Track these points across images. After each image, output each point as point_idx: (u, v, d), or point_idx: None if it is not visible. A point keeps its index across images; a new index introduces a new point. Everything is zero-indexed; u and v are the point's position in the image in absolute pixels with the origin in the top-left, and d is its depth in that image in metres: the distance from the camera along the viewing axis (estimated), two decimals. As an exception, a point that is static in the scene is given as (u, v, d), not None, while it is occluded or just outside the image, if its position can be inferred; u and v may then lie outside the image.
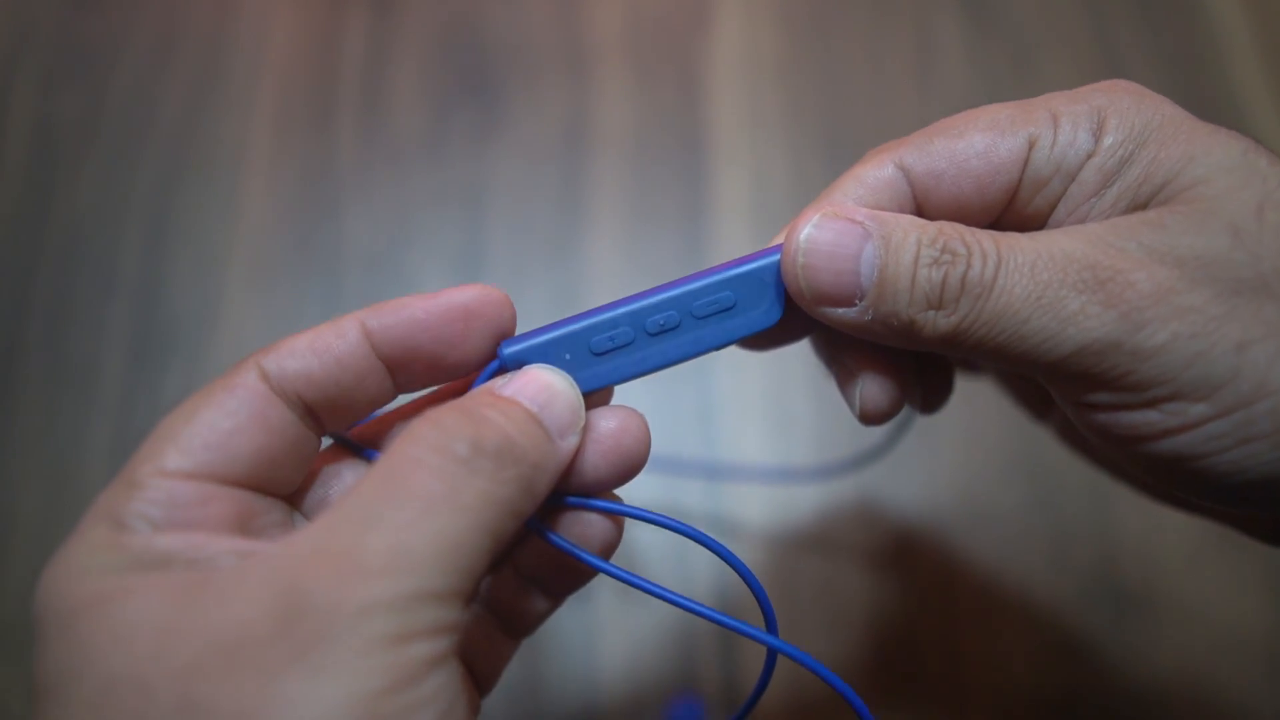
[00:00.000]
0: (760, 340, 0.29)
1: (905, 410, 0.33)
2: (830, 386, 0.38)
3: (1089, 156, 0.24)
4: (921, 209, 0.25)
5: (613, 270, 0.51)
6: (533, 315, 0.51)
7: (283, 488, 0.24)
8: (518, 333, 0.25)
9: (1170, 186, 0.23)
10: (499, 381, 0.24)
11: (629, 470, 0.25)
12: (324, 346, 0.23)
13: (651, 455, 0.26)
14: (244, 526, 0.22)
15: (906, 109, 0.54)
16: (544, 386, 0.23)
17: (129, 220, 0.52)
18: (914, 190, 0.25)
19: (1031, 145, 0.24)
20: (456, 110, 0.54)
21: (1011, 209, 0.25)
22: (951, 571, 0.45)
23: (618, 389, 0.28)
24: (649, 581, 0.24)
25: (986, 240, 0.23)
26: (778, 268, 0.25)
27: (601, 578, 0.26)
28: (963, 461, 0.47)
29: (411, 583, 0.19)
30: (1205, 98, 0.55)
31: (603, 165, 0.53)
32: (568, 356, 0.25)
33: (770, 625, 0.25)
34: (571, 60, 0.56)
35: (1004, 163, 0.24)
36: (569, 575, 0.27)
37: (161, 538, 0.21)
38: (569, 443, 0.23)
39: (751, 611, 0.40)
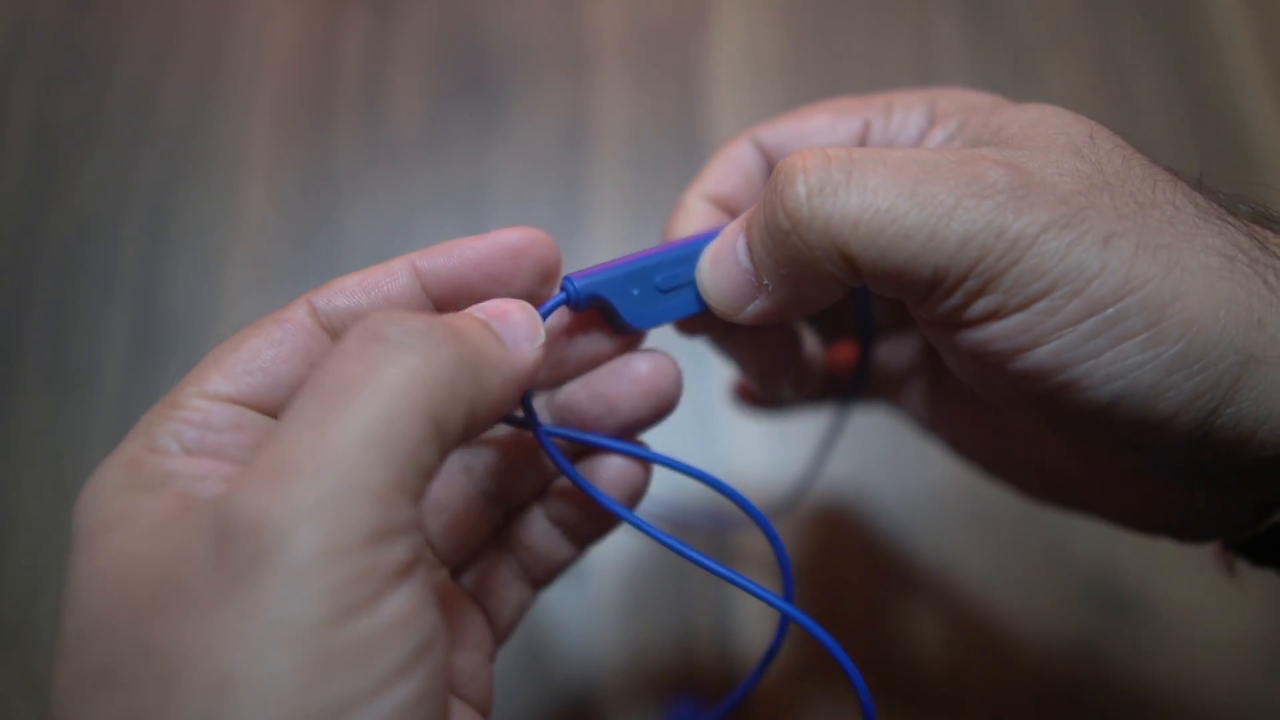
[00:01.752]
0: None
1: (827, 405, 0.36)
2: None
3: (925, 132, 0.26)
4: None
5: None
6: (533, 315, 0.51)
7: None
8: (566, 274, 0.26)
9: (1006, 130, 0.24)
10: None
11: (664, 409, 0.27)
12: (374, 284, 0.24)
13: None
14: None
15: (906, 109, 0.54)
16: (496, 306, 0.23)
17: (129, 220, 0.52)
18: (767, 161, 0.29)
19: (867, 126, 0.27)
20: (456, 110, 0.54)
21: None
22: (951, 571, 0.45)
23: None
24: (675, 541, 0.25)
25: (839, 150, 0.23)
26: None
27: (620, 533, 0.27)
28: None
29: (338, 481, 0.16)
30: (1205, 98, 0.55)
31: (603, 165, 0.53)
32: (635, 292, 0.25)
33: (788, 592, 0.26)
34: (571, 60, 0.56)
35: (841, 139, 0.27)
36: (594, 520, 0.28)
37: (180, 460, 0.20)
38: (525, 352, 0.22)
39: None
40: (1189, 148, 0.54)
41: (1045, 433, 0.29)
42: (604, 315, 0.26)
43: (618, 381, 0.26)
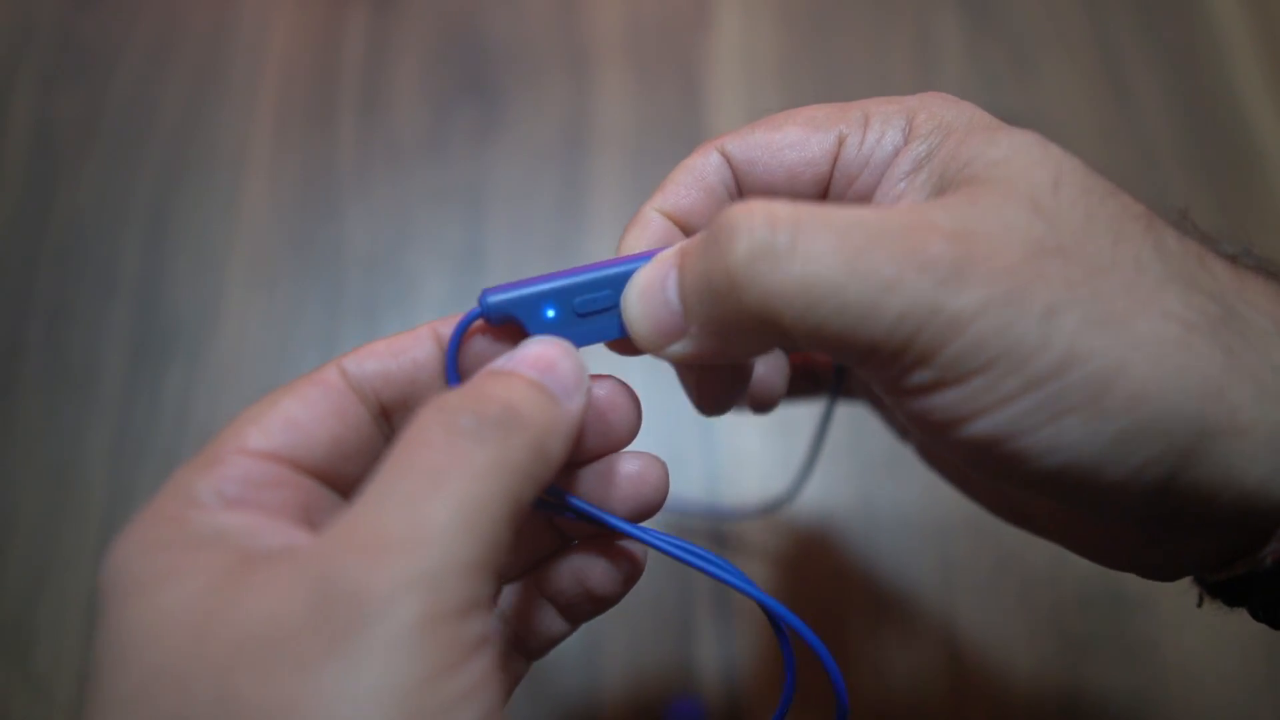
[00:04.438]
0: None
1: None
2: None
3: (900, 150, 0.25)
4: (741, 192, 0.28)
5: (613, 270, 0.51)
6: (533, 315, 0.51)
7: (350, 484, 0.24)
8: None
9: (971, 167, 0.23)
10: (500, 360, 0.24)
11: (644, 514, 0.26)
12: (401, 349, 0.25)
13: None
14: (308, 518, 0.22)
15: (906, 109, 0.54)
16: (540, 356, 0.23)
17: (129, 220, 0.52)
18: (734, 174, 0.27)
19: (841, 142, 0.26)
20: (456, 110, 0.54)
21: (827, 202, 0.27)
22: (951, 571, 0.45)
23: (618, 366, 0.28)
24: (688, 547, 0.25)
25: (783, 207, 0.22)
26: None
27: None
28: (963, 461, 0.47)
29: (435, 555, 0.18)
30: (1205, 97, 0.55)
31: (603, 165, 0.53)
32: (550, 313, 0.25)
33: (824, 657, 0.25)
34: (571, 60, 0.56)
35: (814, 156, 0.26)
36: (590, 601, 0.28)
37: (227, 514, 0.21)
38: (576, 402, 0.23)
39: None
40: (1188, 147, 0.54)
41: (998, 487, 0.29)
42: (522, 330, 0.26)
43: (599, 484, 0.26)
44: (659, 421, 0.47)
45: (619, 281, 0.25)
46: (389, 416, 0.25)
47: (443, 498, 0.19)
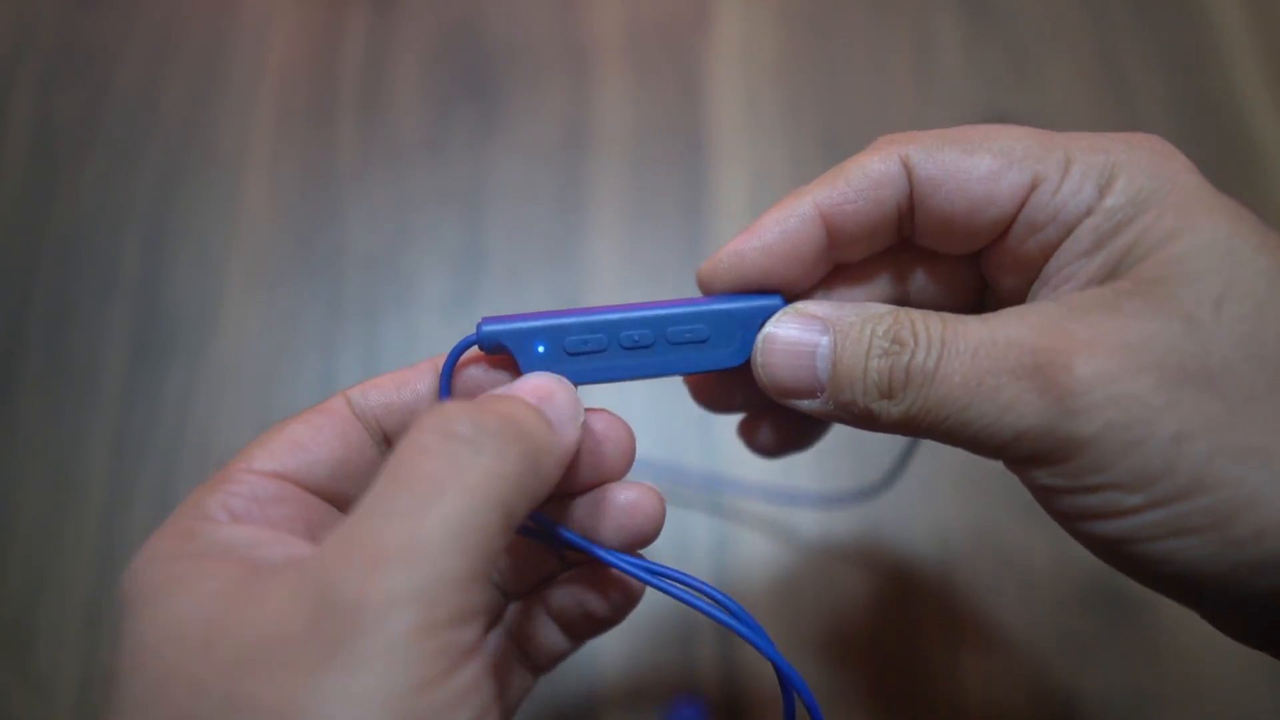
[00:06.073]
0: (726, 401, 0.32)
1: (910, 442, 0.35)
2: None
3: (1088, 213, 0.23)
4: (915, 209, 0.26)
5: (613, 270, 0.51)
6: (533, 315, 0.51)
7: (353, 502, 0.25)
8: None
9: (1145, 261, 0.22)
10: (499, 389, 0.25)
11: (638, 544, 0.27)
12: (404, 381, 0.26)
13: (651, 461, 0.27)
14: (311, 532, 0.24)
15: (906, 109, 0.54)
16: (538, 386, 0.24)
17: (129, 220, 0.52)
18: (912, 190, 0.25)
19: (1035, 186, 0.24)
20: (456, 110, 0.54)
21: (1004, 245, 0.25)
22: (951, 570, 0.45)
23: (616, 390, 0.28)
24: (674, 577, 0.25)
25: (935, 325, 0.23)
26: (753, 314, 0.26)
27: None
28: (965, 461, 0.47)
29: (428, 568, 0.19)
30: (1205, 98, 0.55)
31: (603, 165, 0.53)
32: (540, 349, 0.26)
33: (813, 713, 0.25)
34: (571, 60, 0.56)
35: (1003, 195, 0.24)
36: (588, 621, 0.28)
37: (235, 529, 0.22)
38: (570, 433, 0.24)
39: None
40: (1189, 148, 0.53)
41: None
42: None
43: (592, 513, 0.27)
44: (658, 426, 0.47)
45: (613, 328, 0.26)
46: (390, 443, 0.26)
47: (437, 510, 0.19)
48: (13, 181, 0.52)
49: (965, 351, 0.22)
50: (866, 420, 0.24)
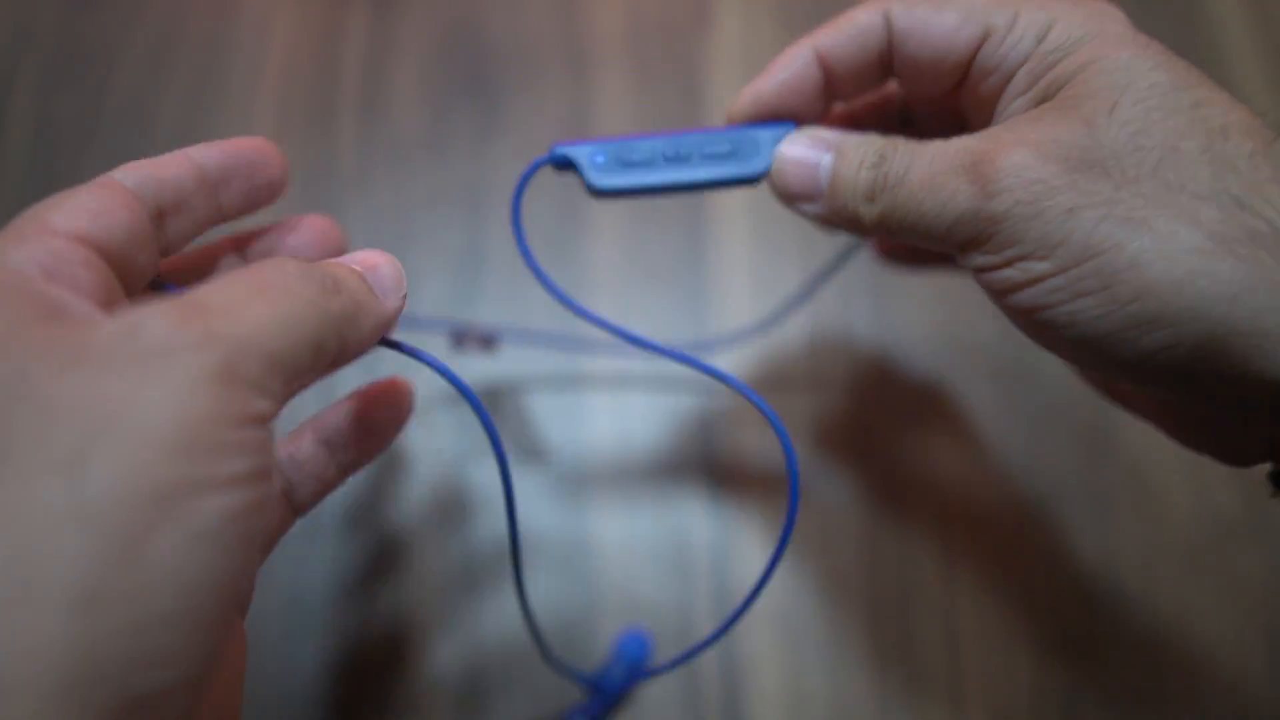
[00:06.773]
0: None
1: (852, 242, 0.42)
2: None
3: (1025, 59, 0.27)
4: (891, 56, 0.31)
5: (613, 270, 0.51)
6: (533, 315, 0.51)
7: (138, 281, 0.26)
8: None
9: (1067, 85, 0.27)
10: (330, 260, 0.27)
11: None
12: (162, 164, 0.28)
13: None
14: (108, 304, 0.23)
15: (906, 109, 0.54)
16: (365, 257, 0.27)
17: (129, 220, 0.52)
18: (890, 37, 0.30)
19: (986, 37, 0.28)
20: (456, 110, 0.54)
21: (966, 88, 0.30)
22: (951, 570, 0.45)
23: (615, 390, 0.28)
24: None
25: (910, 144, 0.28)
26: (770, 135, 0.33)
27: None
28: (965, 463, 0.47)
29: (244, 327, 0.20)
30: (1205, 97, 0.55)
31: (603, 165, 0.53)
32: (600, 159, 0.32)
33: (789, 453, 0.28)
34: (571, 60, 0.56)
35: (960, 45, 0.29)
36: (367, 439, 0.32)
37: (48, 286, 0.22)
38: (391, 302, 0.27)
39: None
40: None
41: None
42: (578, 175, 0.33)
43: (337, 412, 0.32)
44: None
45: (658, 146, 0.32)
46: (163, 218, 0.27)
47: (264, 297, 0.21)
48: (13, 182, 0.52)
49: (925, 159, 0.28)
50: (853, 222, 0.30)
